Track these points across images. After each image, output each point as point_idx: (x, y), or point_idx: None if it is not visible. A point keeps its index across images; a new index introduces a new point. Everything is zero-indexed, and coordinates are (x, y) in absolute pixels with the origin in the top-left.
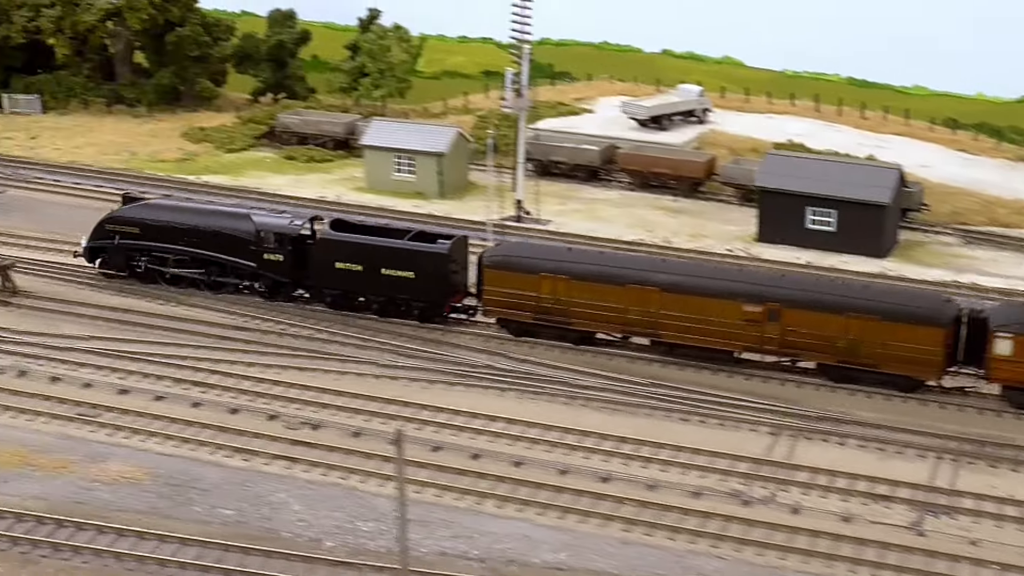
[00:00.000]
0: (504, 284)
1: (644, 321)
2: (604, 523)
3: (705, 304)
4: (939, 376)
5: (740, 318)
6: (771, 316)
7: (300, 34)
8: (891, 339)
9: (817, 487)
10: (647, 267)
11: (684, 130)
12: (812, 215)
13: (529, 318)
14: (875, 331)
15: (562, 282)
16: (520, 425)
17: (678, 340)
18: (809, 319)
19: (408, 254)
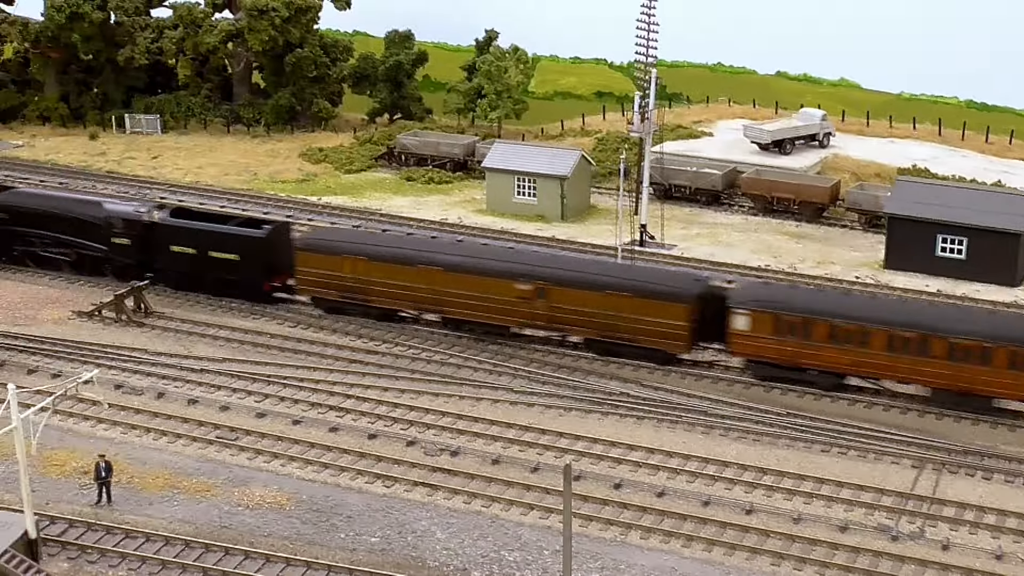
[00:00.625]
0: (313, 265)
1: (432, 299)
2: (752, 556)
3: (483, 283)
4: (687, 349)
5: (513, 295)
6: (539, 294)
7: (417, 55)
8: (643, 314)
9: (966, 523)
10: (435, 249)
11: (806, 154)
12: (942, 243)
13: (336, 296)
14: (629, 307)
15: (361, 263)
16: (660, 455)
17: (461, 316)
18: (572, 296)
19: (232, 238)
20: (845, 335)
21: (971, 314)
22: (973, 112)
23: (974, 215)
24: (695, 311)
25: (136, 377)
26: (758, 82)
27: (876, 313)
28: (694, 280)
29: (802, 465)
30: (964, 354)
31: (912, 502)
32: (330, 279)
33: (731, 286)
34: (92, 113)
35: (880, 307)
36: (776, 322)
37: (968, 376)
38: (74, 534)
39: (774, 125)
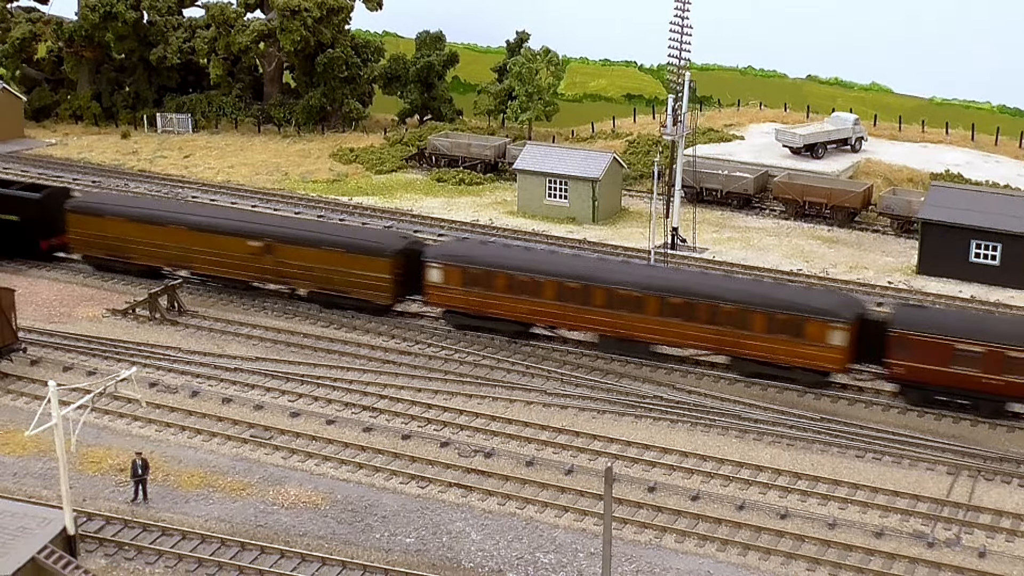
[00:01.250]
0: (83, 226)
1: (181, 256)
2: (787, 561)
3: (221, 241)
4: (393, 300)
5: (246, 252)
6: (268, 250)
7: (448, 56)
8: (353, 269)
9: (1003, 530)
10: (184, 210)
11: (838, 159)
12: (976, 248)
13: (102, 254)
14: (342, 262)
15: (121, 223)
16: (694, 458)
17: (206, 272)
18: (294, 253)
19: (12, 200)
20: (522, 286)
21: (631, 267)
22: (1006, 117)
23: (1008, 221)
24: (398, 265)
25: (170, 375)
26: (789, 86)
27: (548, 266)
28: (399, 237)
29: (836, 470)
30: (622, 303)
31: (948, 509)
32: (97, 239)
33: (432, 242)
34: (124, 112)
35: (553, 261)
36: (464, 275)
37: (626, 323)
38: (111, 531)
39: (806, 129)
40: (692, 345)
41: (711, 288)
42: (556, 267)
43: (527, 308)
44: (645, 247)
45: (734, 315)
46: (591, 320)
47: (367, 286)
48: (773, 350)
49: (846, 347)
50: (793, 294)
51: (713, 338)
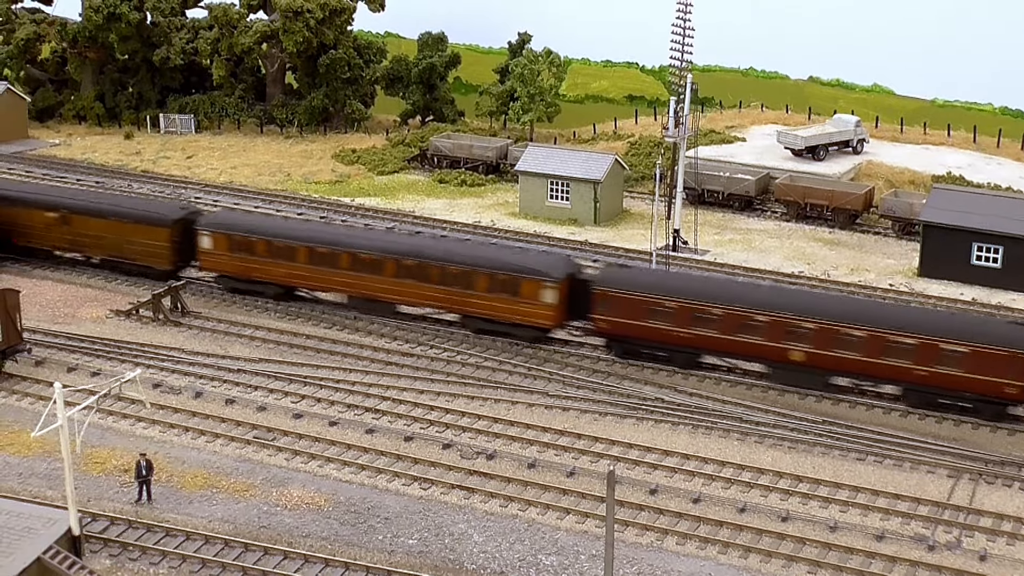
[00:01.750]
0: None
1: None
2: (788, 563)
3: (30, 214)
4: (171, 266)
5: (48, 223)
6: (64, 221)
7: (450, 57)
8: (136, 237)
9: (1004, 534)
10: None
11: (840, 160)
12: (977, 251)
13: None
14: (126, 231)
15: None
16: (696, 461)
17: (27, 244)
18: (86, 223)
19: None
20: (279, 251)
21: (372, 233)
22: (1008, 119)
23: (1010, 224)
24: (176, 234)
25: (174, 376)
26: (790, 87)
27: (301, 233)
28: (178, 207)
29: (837, 473)
30: (364, 266)
31: (949, 512)
32: None
33: (208, 212)
34: (127, 113)
35: (306, 228)
36: (229, 241)
37: (369, 285)
38: (115, 531)
39: (808, 131)
40: (427, 304)
41: (441, 251)
42: (308, 234)
43: (285, 272)
44: (646, 249)
45: (461, 276)
46: (339, 282)
47: (149, 253)
48: (495, 308)
49: (557, 304)
50: (512, 256)
51: (444, 297)
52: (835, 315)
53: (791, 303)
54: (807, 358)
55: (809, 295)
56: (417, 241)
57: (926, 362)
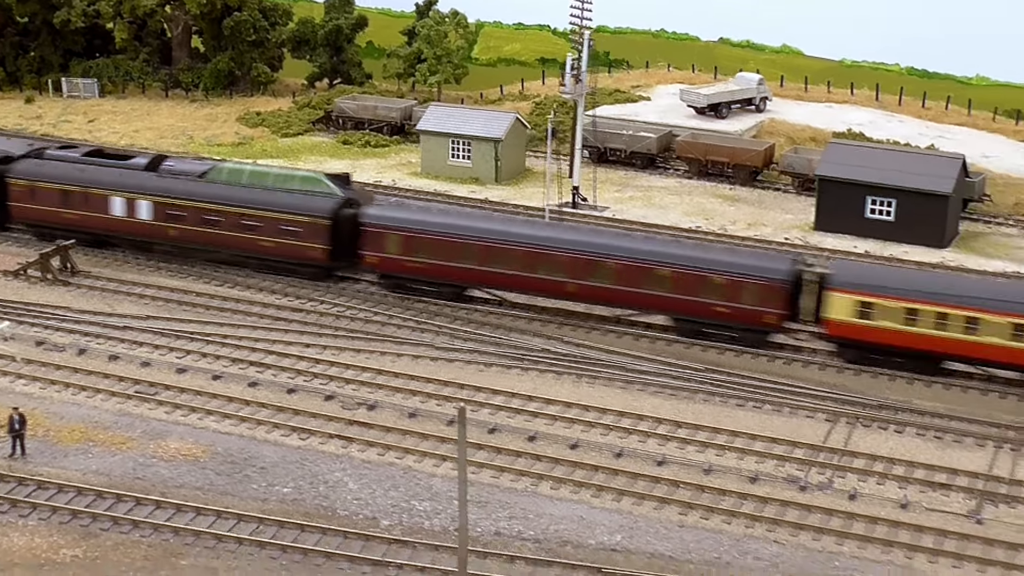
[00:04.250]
0: None
1: None
2: (660, 506)
3: None
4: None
5: None
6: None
7: (357, 19)
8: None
9: (875, 474)
10: None
11: (742, 118)
12: (871, 204)
13: None
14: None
15: None
16: (576, 408)
17: None
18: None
19: None
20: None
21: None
22: (915, 79)
23: (903, 177)
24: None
25: (59, 334)
26: (701, 48)
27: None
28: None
29: (717, 419)
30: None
31: (824, 454)
32: None
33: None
34: (29, 77)
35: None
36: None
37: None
38: None
39: (710, 89)
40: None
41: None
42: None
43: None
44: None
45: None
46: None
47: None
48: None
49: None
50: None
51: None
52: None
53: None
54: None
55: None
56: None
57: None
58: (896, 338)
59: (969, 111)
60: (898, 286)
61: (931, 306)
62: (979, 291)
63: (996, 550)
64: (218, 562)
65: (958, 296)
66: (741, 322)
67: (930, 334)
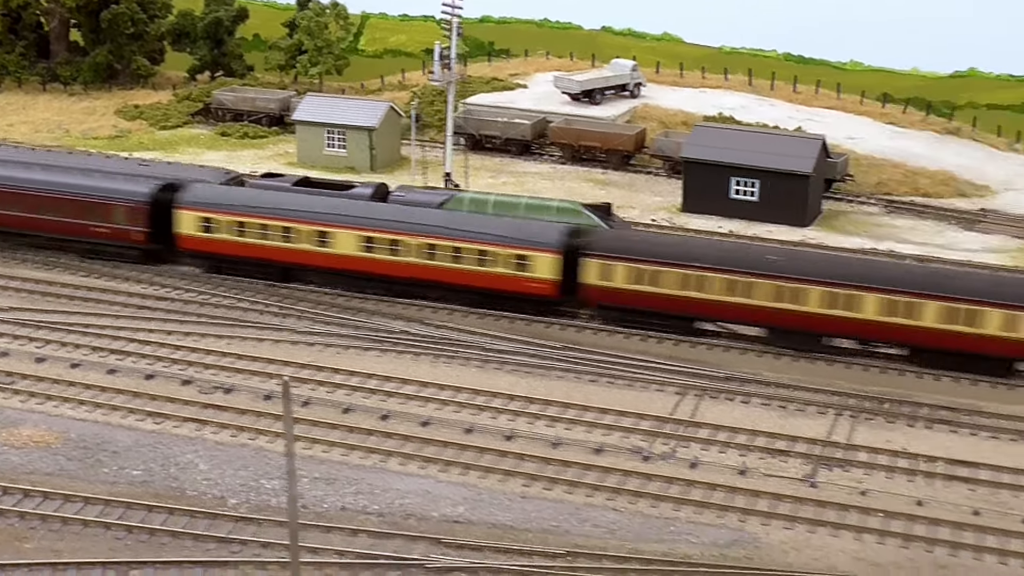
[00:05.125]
0: None
1: None
2: (505, 478)
3: None
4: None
5: None
6: None
7: (237, 12)
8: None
9: (717, 443)
10: None
11: (617, 104)
12: (736, 185)
13: None
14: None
15: None
16: (431, 387)
17: None
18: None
19: None
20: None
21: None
22: (791, 65)
23: (765, 159)
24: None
25: None
26: (584, 37)
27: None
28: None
29: (569, 394)
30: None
31: (669, 425)
32: None
33: None
34: None
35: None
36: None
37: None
38: None
39: (584, 76)
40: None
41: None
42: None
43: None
44: None
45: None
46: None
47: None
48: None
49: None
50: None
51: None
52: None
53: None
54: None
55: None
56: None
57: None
58: (233, 248)
59: (838, 95)
60: (232, 203)
61: (276, 221)
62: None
63: (827, 511)
64: (62, 544)
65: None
66: (116, 240)
67: (282, 246)
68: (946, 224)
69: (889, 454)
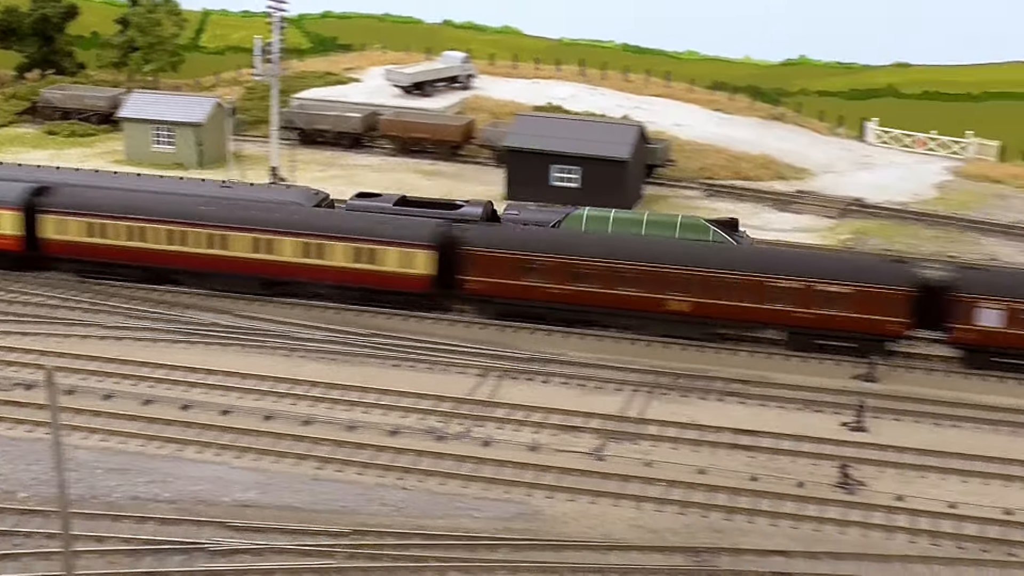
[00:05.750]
0: None
1: None
2: (298, 462)
3: None
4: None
5: None
6: None
7: (66, 8)
8: None
9: (512, 421)
10: None
11: (448, 96)
12: (557, 172)
13: None
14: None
15: None
16: (235, 377)
17: None
18: None
19: None
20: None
21: None
22: (629, 55)
23: (587, 145)
24: None
25: None
26: (425, 31)
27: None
28: None
29: (370, 379)
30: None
31: (467, 406)
32: None
33: None
34: None
35: None
36: None
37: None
38: None
39: (414, 68)
40: None
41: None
42: None
43: None
44: None
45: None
46: None
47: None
48: None
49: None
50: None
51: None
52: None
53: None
54: None
55: None
56: None
57: None
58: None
59: (668, 83)
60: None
61: None
62: None
63: (610, 483)
64: None
65: None
66: None
67: None
68: (762, 206)
69: (678, 426)
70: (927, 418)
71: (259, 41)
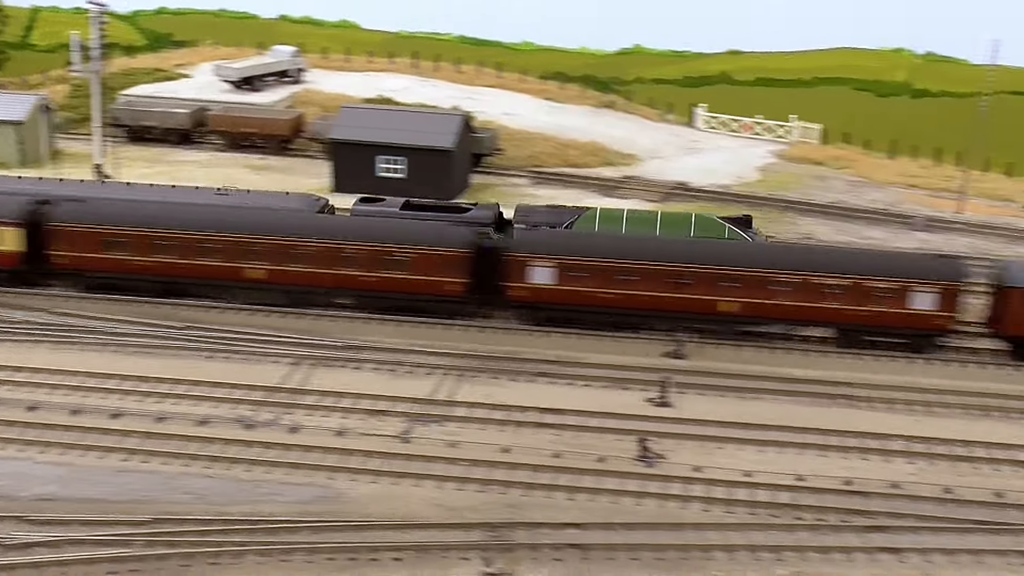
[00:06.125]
0: None
1: None
2: (104, 455)
3: None
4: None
5: None
6: None
7: None
8: None
9: (322, 408)
10: None
11: (278, 90)
12: (382, 163)
13: None
14: None
15: None
16: (43, 373)
17: None
18: None
19: None
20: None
21: None
22: (466, 47)
23: (412, 136)
24: None
25: None
26: (262, 26)
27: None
28: None
29: (183, 371)
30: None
31: (279, 394)
32: None
33: None
34: None
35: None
36: None
37: None
38: None
39: (243, 63)
40: None
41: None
42: None
43: None
44: None
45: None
46: None
47: None
48: None
49: None
50: None
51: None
52: None
53: None
54: None
55: None
56: None
57: None
58: None
59: (499, 74)
60: None
61: None
62: None
63: (413, 464)
64: None
65: None
66: None
67: None
68: (588, 192)
69: (487, 408)
70: (731, 392)
71: (76, 37)
